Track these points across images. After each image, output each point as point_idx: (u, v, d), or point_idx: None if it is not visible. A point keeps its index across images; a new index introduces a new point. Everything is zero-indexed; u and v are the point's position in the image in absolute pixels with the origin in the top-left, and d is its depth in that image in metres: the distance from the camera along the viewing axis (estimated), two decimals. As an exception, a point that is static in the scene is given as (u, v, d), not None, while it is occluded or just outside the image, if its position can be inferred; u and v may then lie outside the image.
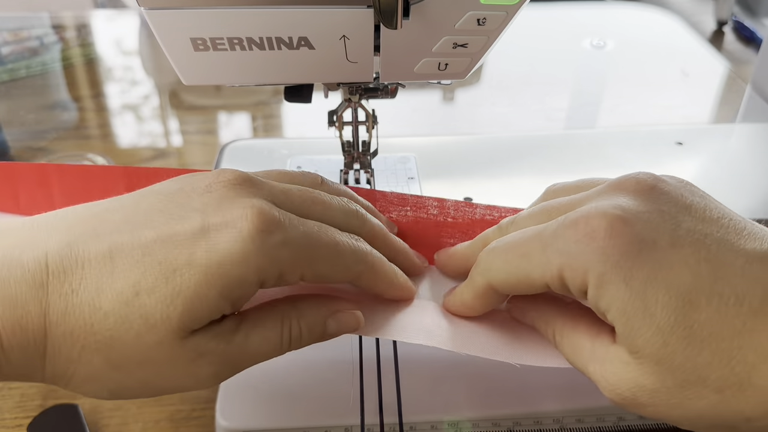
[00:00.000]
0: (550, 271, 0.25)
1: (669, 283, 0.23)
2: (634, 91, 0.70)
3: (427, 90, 0.71)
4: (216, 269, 0.24)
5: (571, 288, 0.25)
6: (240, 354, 0.26)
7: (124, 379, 0.25)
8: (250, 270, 0.25)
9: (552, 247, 0.26)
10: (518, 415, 0.34)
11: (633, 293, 0.24)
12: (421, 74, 0.34)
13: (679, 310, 0.23)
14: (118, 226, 0.25)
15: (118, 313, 0.24)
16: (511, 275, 0.27)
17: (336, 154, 0.46)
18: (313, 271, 0.27)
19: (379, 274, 0.30)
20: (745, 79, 0.68)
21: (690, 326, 0.23)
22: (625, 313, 0.24)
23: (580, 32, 0.80)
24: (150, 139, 0.64)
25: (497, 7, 0.31)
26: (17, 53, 0.76)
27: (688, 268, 0.24)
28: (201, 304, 0.24)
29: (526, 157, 0.51)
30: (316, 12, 0.30)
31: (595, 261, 0.24)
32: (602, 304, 0.24)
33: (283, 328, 0.27)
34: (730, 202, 0.45)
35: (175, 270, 0.24)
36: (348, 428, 0.33)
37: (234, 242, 0.24)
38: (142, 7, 0.29)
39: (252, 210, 0.25)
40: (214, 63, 0.32)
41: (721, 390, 0.23)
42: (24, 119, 0.66)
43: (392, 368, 0.35)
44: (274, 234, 0.25)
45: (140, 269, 0.24)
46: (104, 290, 0.24)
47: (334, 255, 0.27)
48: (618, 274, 0.24)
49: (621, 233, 0.24)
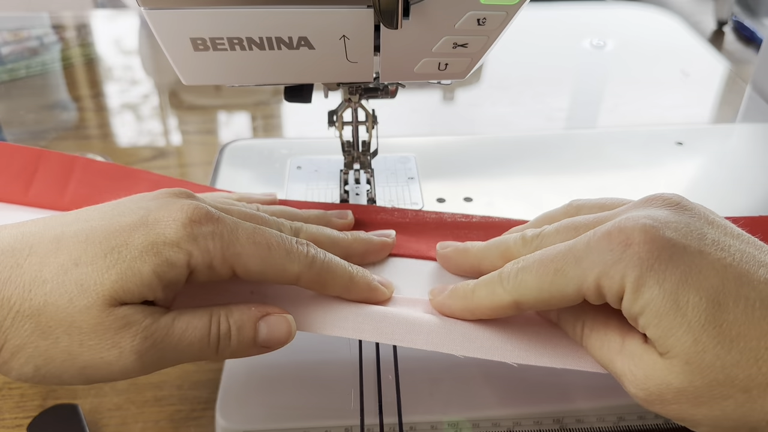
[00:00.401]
0: (587, 282, 0.26)
1: (699, 285, 0.25)
2: (634, 91, 0.70)
3: (427, 90, 0.71)
4: (150, 248, 0.27)
5: (608, 296, 0.26)
6: (165, 335, 0.27)
7: (50, 347, 0.26)
8: (180, 254, 0.27)
9: (587, 260, 0.26)
10: (518, 415, 0.34)
11: (666, 295, 0.25)
12: (421, 74, 0.34)
13: (709, 310, 0.24)
14: (69, 220, 0.28)
15: (56, 280, 0.26)
16: (543, 292, 0.28)
17: (336, 154, 0.46)
18: (244, 266, 0.28)
19: (326, 275, 0.30)
20: (745, 79, 0.68)
21: (719, 325, 0.24)
22: (658, 314, 0.25)
23: (580, 32, 0.80)
24: (150, 138, 0.64)
25: (497, 7, 0.31)
26: (17, 53, 0.76)
27: (715, 272, 0.25)
28: (134, 277, 0.26)
29: (526, 157, 0.51)
30: (316, 12, 0.30)
31: (632, 266, 0.25)
32: (636, 308, 0.25)
33: (212, 321, 0.28)
34: (730, 202, 0.45)
35: (114, 248, 0.27)
36: (348, 428, 0.33)
37: (168, 228, 0.27)
38: (142, 7, 0.29)
39: (189, 204, 0.28)
40: (214, 63, 0.32)
41: (748, 389, 0.24)
42: (24, 119, 0.66)
43: (392, 368, 0.35)
44: (206, 225, 0.28)
45: (82, 247, 0.26)
46: (48, 263, 0.26)
47: (265, 252, 0.29)
48: (652, 277, 0.25)
49: (654, 239, 0.25)
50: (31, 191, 0.40)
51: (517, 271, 0.28)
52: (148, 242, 0.27)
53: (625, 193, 0.46)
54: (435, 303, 0.31)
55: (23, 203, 0.40)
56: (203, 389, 0.38)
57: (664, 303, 0.25)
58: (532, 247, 0.31)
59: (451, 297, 0.31)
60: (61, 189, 0.40)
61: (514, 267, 0.29)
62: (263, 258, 0.29)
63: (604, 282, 0.26)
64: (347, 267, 0.31)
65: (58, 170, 0.41)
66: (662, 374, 0.25)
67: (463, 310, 0.30)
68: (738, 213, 0.44)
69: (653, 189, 0.46)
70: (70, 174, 0.41)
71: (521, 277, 0.28)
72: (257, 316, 0.29)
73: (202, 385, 0.38)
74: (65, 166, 0.41)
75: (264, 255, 0.29)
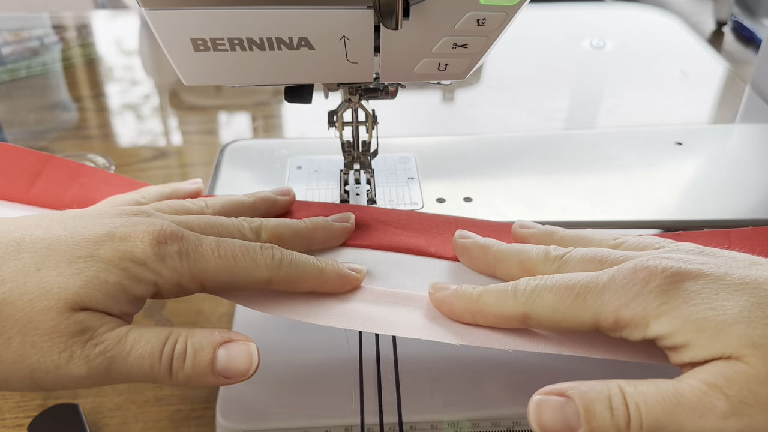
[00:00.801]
0: (605, 312, 0.27)
1: (730, 292, 0.25)
2: (633, 91, 0.70)
3: (427, 90, 0.71)
4: (117, 263, 0.27)
5: (627, 329, 0.26)
6: (116, 345, 0.26)
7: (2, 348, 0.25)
8: (149, 273, 0.27)
9: (609, 292, 0.27)
10: (518, 415, 0.34)
11: (697, 306, 0.25)
12: (421, 74, 0.34)
13: (749, 306, 0.24)
14: (28, 224, 0.28)
15: (17, 280, 0.26)
16: (558, 312, 0.28)
17: (336, 154, 0.46)
18: (213, 280, 0.29)
19: (296, 274, 0.31)
20: (745, 80, 0.68)
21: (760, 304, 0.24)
22: (696, 321, 0.25)
23: (580, 32, 0.80)
24: (150, 139, 0.64)
25: (497, 8, 0.31)
26: (18, 53, 0.76)
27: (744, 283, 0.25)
28: (100, 285, 0.26)
29: (526, 157, 0.51)
30: (316, 12, 0.30)
31: (653, 298, 0.26)
32: (667, 328, 0.25)
33: (169, 339, 0.27)
34: (730, 202, 0.45)
35: (79, 258, 0.27)
36: (348, 428, 0.33)
37: (136, 247, 0.28)
38: (143, 7, 0.29)
39: (155, 224, 0.29)
40: (214, 63, 0.32)
41: None
42: (24, 119, 0.66)
43: (392, 368, 0.35)
44: (171, 245, 0.28)
45: (44, 254, 0.27)
46: (7, 264, 0.26)
47: (231, 264, 0.29)
48: (677, 299, 0.25)
49: (677, 274, 0.26)
50: (33, 190, 0.40)
51: (535, 287, 0.29)
52: (116, 257, 0.27)
53: (625, 193, 0.46)
54: (435, 299, 0.31)
55: (24, 201, 0.40)
56: (203, 389, 0.38)
57: (699, 312, 0.25)
58: (554, 266, 0.31)
59: (455, 296, 0.31)
60: (64, 190, 0.41)
61: (531, 282, 0.29)
62: (230, 270, 0.29)
63: (623, 314, 0.26)
64: (315, 262, 0.32)
65: (63, 174, 0.41)
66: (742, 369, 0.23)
67: (464, 311, 0.30)
68: (737, 213, 0.44)
69: (653, 189, 0.46)
70: (74, 178, 0.41)
71: (539, 293, 0.28)
72: (218, 342, 0.27)
73: (202, 384, 0.38)
74: (71, 171, 0.41)
75: (231, 267, 0.29)
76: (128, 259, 0.27)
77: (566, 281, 0.28)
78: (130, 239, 0.28)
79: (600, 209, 0.44)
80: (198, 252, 0.29)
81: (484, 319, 0.30)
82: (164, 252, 0.28)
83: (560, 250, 0.31)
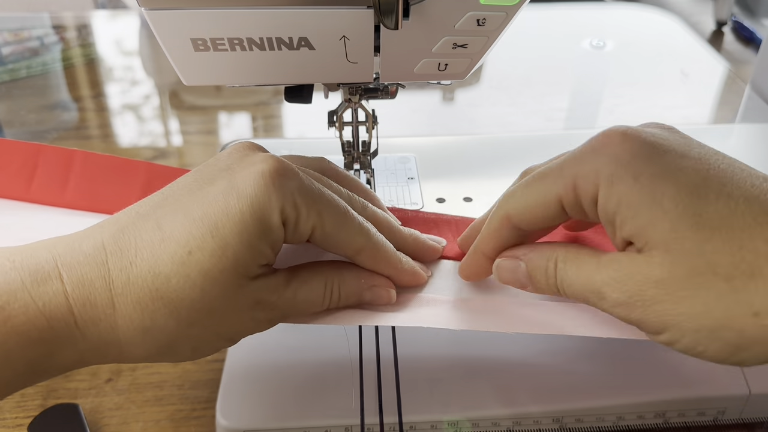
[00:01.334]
0: (564, 185, 0.27)
1: (677, 180, 0.24)
2: (633, 91, 0.70)
3: (427, 90, 0.71)
4: (249, 215, 0.26)
5: (583, 199, 0.26)
6: (289, 306, 0.29)
7: (201, 333, 0.27)
8: (275, 211, 0.27)
9: (568, 163, 0.27)
10: (518, 414, 0.34)
11: (642, 187, 0.24)
12: (421, 74, 0.34)
13: (687, 200, 0.24)
14: (158, 202, 0.28)
15: (179, 273, 0.26)
16: (529, 199, 0.28)
17: (336, 154, 0.46)
18: (322, 227, 0.29)
19: (381, 253, 0.31)
20: (745, 80, 0.68)
21: (699, 214, 0.24)
22: (633, 206, 0.25)
23: (580, 32, 0.80)
24: (150, 139, 0.64)
25: (497, 8, 0.31)
26: (18, 53, 0.76)
27: (696, 172, 0.25)
28: (248, 252, 0.27)
29: (526, 157, 0.51)
30: (316, 12, 0.30)
31: (607, 163, 0.25)
32: (612, 204, 0.25)
33: (326, 290, 0.30)
34: (729, 202, 0.45)
35: (216, 223, 0.26)
36: (348, 428, 0.34)
37: (257, 185, 0.27)
38: (143, 7, 0.29)
39: (270, 158, 0.28)
40: (215, 63, 0.32)
41: (730, 278, 0.23)
42: (25, 119, 0.66)
43: (392, 368, 0.35)
44: (291, 179, 0.28)
45: (186, 229, 0.26)
46: (159, 256, 0.26)
47: (342, 217, 0.29)
48: (628, 171, 0.25)
49: (634, 139, 0.26)
50: (32, 187, 0.40)
51: (509, 190, 0.30)
52: (245, 207, 0.26)
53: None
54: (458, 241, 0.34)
55: (26, 199, 0.40)
56: (204, 389, 0.38)
57: (641, 195, 0.24)
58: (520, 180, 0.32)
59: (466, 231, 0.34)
60: (62, 184, 0.41)
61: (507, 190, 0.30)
62: (340, 223, 0.29)
63: (579, 182, 0.26)
64: (396, 253, 0.32)
65: (57, 165, 0.41)
66: (641, 268, 0.24)
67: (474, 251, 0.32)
68: (737, 213, 0.44)
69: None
70: (69, 168, 0.41)
71: (509, 192, 0.29)
72: (366, 287, 0.31)
73: (202, 384, 0.38)
74: (64, 160, 0.41)
75: (341, 221, 0.29)
76: (256, 204, 0.27)
77: (533, 174, 0.29)
78: (249, 180, 0.27)
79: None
80: (316, 193, 0.28)
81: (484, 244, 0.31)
82: (284, 185, 0.27)
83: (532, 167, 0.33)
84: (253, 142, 0.31)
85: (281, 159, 0.28)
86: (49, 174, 0.41)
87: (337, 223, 0.29)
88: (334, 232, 0.29)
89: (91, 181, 0.41)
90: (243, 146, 0.30)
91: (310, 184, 0.28)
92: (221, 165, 0.29)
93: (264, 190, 0.27)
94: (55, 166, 0.41)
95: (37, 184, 0.40)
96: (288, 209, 0.27)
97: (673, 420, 0.35)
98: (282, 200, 0.27)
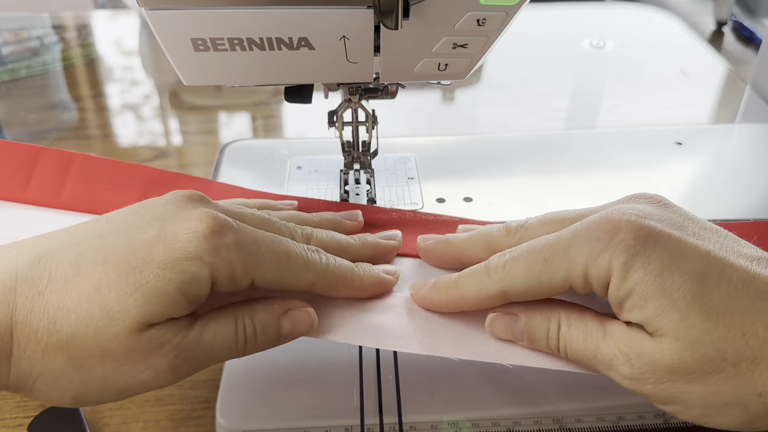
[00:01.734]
0: (575, 270, 0.27)
1: (683, 268, 0.26)
2: (633, 91, 0.70)
3: (427, 90, 0.71)
4: (173, 265, 0.26)
5: (594, 284, 0.27)
6: (195, 348, 0.27)
7: (86, 378, 0.26)
8: (204, 268, 0.26)
9: (575, 248, 0.27)
10: (518, 415, 0.34)
11: (652, 277, 0.26)
12: (421, 74, 0.34)
13: (694, 289, 0.25)
14: (83, 237, 0.27)
15: (80, 308, 0.25)
16: (532, 281, 0.28)
17: (336, 154, 0.46)
18: (263, 276, 0.28)
19: (338, 280, 0.31)
20: (745, 80, 0.68)
21: (704, 303, 0.25)
22: (645, 296, 0.26)
23: (580, 32, 0.80)
24: (150, 139, 0.64)
25: (497, 8, 0.31)
26: (18, 53, 0.76)
27: (698, 257, 0.26)
28: (159, 299, 0.26)
29: (526, 157, 0.51)
30: (316, 12, 0.30)
31: (619, 253, 0.26)
32: (623, 292, 0.26)
33: (237, 325, 0.28)
34: (730, 202, 0.45)
35: (135, 268, 0.26)
36: (348, 428, 0.33)
37: (189, 241, 0.26)
38: (143, 7, 0.29)
39: (207, 214, 0.27)
40: (214, 63, 0.32)
41: (736, 363, 0.25)
42: (24, 119, 0.66)
43: (392, 368, 0.35)
44: (226, 236, 0.27)
45: (102, 269, 0.26)
46: (69, 290, 0.25)
47: (285, 260, 0.29)
48: (639, 261, 0.26)
49: (640, 227, 0.27)
50: (29, 188, 0.40)
51: (505, 262, 0.29)
52: (170, 259, 0.26)
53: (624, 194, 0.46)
54: (417, 297, 0.32)
55: (21, 200, 0.40)
56: (203, 389, 0.38)
57: (651, 285, 0.26)
58: (516, 237, 0.32)
59: (435, 289, 0.31)
60: (59, 185, 0.41)
61: (501, 258, 0.29)
62: (282, 267, 0.29)
63: (591, 269, 0.27)
64: (355, 270, 0.32)
65: (55, 167, 0.41)
66: (653, 352, 0.26)
67: (448, 301, 0.31)
68: (737, 214, 0.44)
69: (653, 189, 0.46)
70: (67, 170, 0.41)
71: (509, 268, 0.29)
72: (280, 313, 0.29)
73: (202, 384, 0.38)
74: (63, 162, 0.41)
75: (283, 264, 0.29)
76: (183, 258, 0.26)
77: (532, 248, 0.29)
78: (181, 234, 0.26)
79: (600, 209, 0.44)
80: (254, 245, 0.28)
81: (466, 305, 0.30)
82: (219, 244, 0.27)
83: (518, 222, 0.32)
84: (196, 192, 0.30)
85: (217, 216, 0.27)
86: (46, 176, 0.41)
87: (280, 268, 0.29)
88: (277, 277, 0.29)
89: (87, 183, 0.41)
90: (183, 198, 0.29)
91: (245, 239, 0.28)
92: (156, 213, 0.28)
93: (194, 248, 0.26)
94: (53, 168, 0.41)
95: (33, 185, 0.40)
96: (220, 267, 0.27)
97: (672, 420, 0.35)
98: (213, 258, 0.26)
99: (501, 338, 0.30)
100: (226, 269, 0.27)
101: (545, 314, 0.29)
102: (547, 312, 0.29)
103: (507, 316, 0.30)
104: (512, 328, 0.30)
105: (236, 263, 0.27)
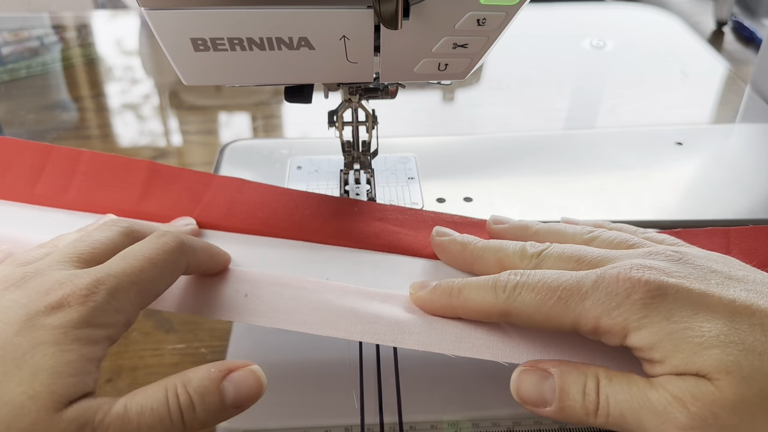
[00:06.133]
0: (586, 318, 0.27)
1: (709, 314, 0.25)
2: (633, 91, 0.70)
3: (427, 90, 0.71)
4: (68, 338, 0.24)
5: (605, 336, 0.27)
6: (122, 425, 0.24)
7: None
8: (98, 330, 0.25)
9: (592, 298, 0.27)
10: (518, 415, 0.34)
11: (677, 324, 0.25)
12: (421, 74, 0.34)
13: (726, 330, 0.25)
14: None
15: None
16: (539, 313, 0.28)
17: (336, 154, 0.46)
18: (142, 293, 0.27)
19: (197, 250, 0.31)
20: (745, 80, 0.68)
21: (742, 342, 0.25)
22: (673, 341, 0.25)
23: (580, 32, 0.80)
24: (150, 139, 0.64)
25: (497, 8, 0.31)
26: (18, 53, 0.76)
27: (723, 306, 0.26)
28: (68, 371, 0.24)
29: (526, 157, 0.51)
30: (316, 12, 0.30)
31: (635, 311, 0.26)
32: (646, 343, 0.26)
33: (168, 396, 0.25)
34: (730, 202, 0.45)
35: (25, 353, 0.23)
36: (348, 428, 0.33)
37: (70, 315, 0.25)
38: (143, 7, 0.29)
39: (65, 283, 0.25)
40: (214, 63, 0.32)
41: None
42: (24, 119, 0.66)
43: (392, 368, 0.35)
44: (97, 294, 0.25)
45: None
46: None
47: (148, 266, 0.28)
48: (658, 314, 0.26)
49: (659, 287, 0.26)
50: (37, 188, 0.40)
51: (516, 284, 0.28)
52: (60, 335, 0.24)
53: (624, 193, 0.46)
54: (416, 298, 0.32)
55: (29, 201, 0.40)
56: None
57: (678, 330, 0.25)
58: (530, 264, 0.31)
59: (434, 293, 0.31)
60: (66, 184, 0.41)
61: (512, 278, 0.29)
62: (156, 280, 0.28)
63: (604, 322, 0.26)
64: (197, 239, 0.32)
65: (65, 165, 0.41)
66: (709, 391, 0.24)
67: (446, 307, 0.30)
68: (737, 213, 0.44)
69: (653, 189, 0.46)
70: (75, 168, 0.41)
71: (520, 292, 0.28)
72: (219, 377, 0.26)
73: (202, 384, 0.38)
74: (72, 160, 0.41)
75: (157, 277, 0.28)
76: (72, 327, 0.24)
77: (548, 282, 0.28)
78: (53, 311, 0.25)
79: (600, 209, 0.44)
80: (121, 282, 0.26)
81: (464, 314, 0.30)
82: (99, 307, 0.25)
83: (537, 247, 0.32)
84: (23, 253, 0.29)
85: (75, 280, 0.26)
86: (55, 174, 0.41)
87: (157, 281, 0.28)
88: (159, 288, 0.29)
89: (93, 180, 0.41)
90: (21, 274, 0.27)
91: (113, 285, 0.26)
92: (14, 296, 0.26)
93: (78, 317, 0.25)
94: (63, 166, 0.41)
95: (42, 184, 0.40)
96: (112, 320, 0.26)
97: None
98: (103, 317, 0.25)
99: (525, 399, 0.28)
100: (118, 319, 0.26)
101: (581, 369, 0.27)
102: (582, 367, 0.27)
103: (535, 373, 0.28)
104: (540, 388, 0.27)
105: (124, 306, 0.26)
